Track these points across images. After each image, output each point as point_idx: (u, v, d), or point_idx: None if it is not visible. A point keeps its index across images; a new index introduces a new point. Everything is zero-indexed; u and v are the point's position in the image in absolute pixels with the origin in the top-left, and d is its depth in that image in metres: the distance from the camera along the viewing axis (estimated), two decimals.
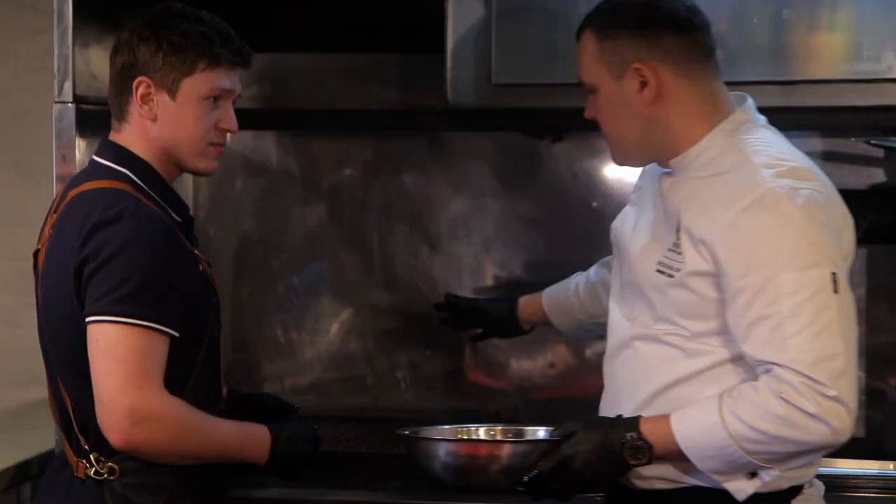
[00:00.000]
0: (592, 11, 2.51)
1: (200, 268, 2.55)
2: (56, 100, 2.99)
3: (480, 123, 3.42)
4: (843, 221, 2.40)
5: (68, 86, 2.97)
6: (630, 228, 2.56)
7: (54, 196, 2.69)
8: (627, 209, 2.64)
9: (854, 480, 2.99)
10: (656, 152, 2.49)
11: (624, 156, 2.54)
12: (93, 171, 2.54)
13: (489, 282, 3.66)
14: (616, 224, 2.63)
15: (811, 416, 2.24)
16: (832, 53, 2.95)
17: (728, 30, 2.95)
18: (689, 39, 2.45)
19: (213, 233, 3.76)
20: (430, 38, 3.10)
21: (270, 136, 3.76)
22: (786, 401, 2.25)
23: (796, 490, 2.45)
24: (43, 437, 3.20)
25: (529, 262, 3.65)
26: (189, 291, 2.47)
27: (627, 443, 2.36)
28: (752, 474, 2.34)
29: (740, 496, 2.36)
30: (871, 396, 3.48)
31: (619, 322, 2.53)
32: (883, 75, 2.94)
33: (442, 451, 2.52)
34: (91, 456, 2.47)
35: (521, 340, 3.36)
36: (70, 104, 2.98)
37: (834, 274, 2.29)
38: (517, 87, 3.06)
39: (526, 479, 2.41)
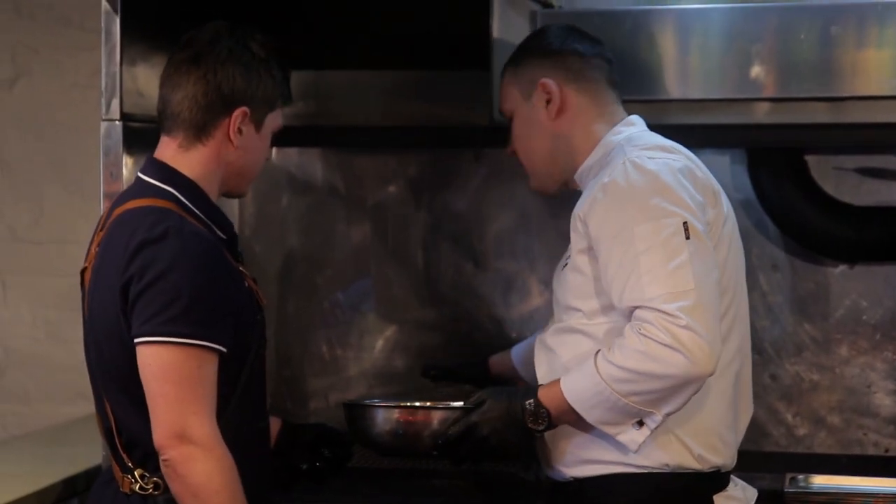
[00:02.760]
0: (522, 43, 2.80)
1: (246, 284, 2.55)
2: (103, 117, 3.00)
3: None
4: (703, 189, 2.55)
5: (115, 103, 2.99)
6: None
7: (101, 213, 2.70)
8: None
9: (862, 498, 2.98)
10: (564, 170, 2.71)
11: (539, 179, 2.77)
12: (138, 188, 2.55)
13: (535, 299, 3.65)
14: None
15: (666, 346, 2.38)
16: (880, 69, 2.93)
17: (775, 46, 2.94)
18: (592, 63, 2.72)
19: (258, 249, 3.77)
20: (475, 54, 3.10)
21: (316, 153, 3.77)
22: (644, 335, 2.40)
23: (720, 480, 2.59)
24: (90, 452, 3.22)
25: None
26: (235, 308, 2.48)
27: (527, 409, 2.51)
28: (640, 424, 2.47)
29: (632, 446, 2.49)
30: None
31: (540, 337, 2.71)
32: None
33: (375, 417, 2.71)
34: (136, 472, 2.48)
35: None
36: (117, 122, 2.99)
37: (685, 223, 2.45)
38: None
39: (439, 442, 2.60)
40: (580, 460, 2.59)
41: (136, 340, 2.41)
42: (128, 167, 2.99)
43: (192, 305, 2.39)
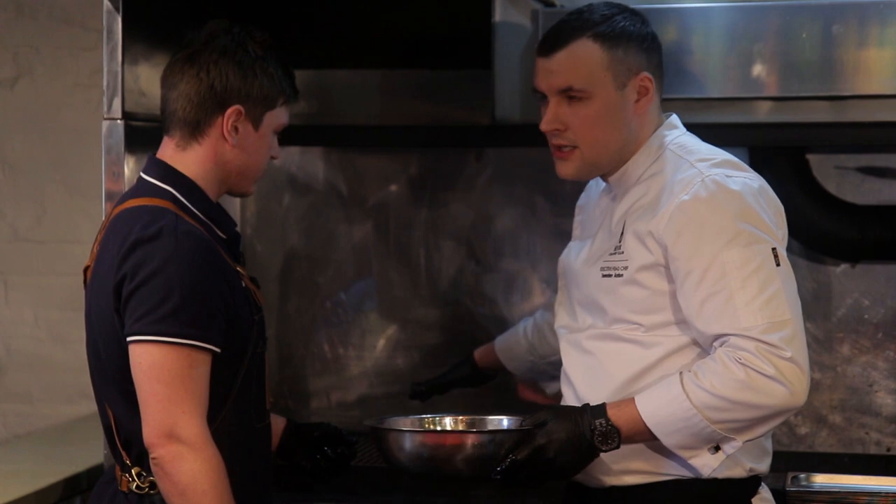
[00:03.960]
0: (587, 20, 2.58)
1: (243, 284, 2.54)
2: (105, 116, 3.00)
3: (527, 139, 3.41)
4: (776, 208, 2.54)
5: (117, 102, 2.99)
6: (574, 255, 2.70)
7: (103, 212, 2.71)
8: (571, 244, 2.77)
9: (864, 497, 2.98)
10: (616, 164, 2.61)
11: (587, 168, 2.61)
12: (138, 188, 2.55)
13: (536, 298, 3.65)
14: (562, 258, 2.77)
15: (770, 377, 2.35)
16: (882, 68, 2.93)
17: (777, 45, 2.93)
18: (663, 61, 2.63)
19: (259, 249, 3.77)
20: (477, 54, 3.10)
21: (317, 153, 3.77)
22: (744, 365, 2.36)
23: (755, 484, 2.56)
24: (91, 451, 3.22)
25: None
26: (230, 307, 2.47)
27: (597, 429, 2.43)
28: (716, 448, 2.43)
29: (705, 471, 2.45)
30: None
31: (571, 338, 2.64)
32: None
33: (412, 442, 2.55)
34: (133, 471, 2.48)
35: None
36: (119, 121, 3.00)
37: (774, 249, 2.44)
38: None
39: (500, 467, 2.47)
40: (624, 470, 2.54)
41: (128, 339, 2.41)
42: (129, 166, 2.99)
43: (183, 305, 2.38)
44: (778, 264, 2.42)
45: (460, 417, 2.76)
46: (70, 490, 3.22)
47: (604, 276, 2.56)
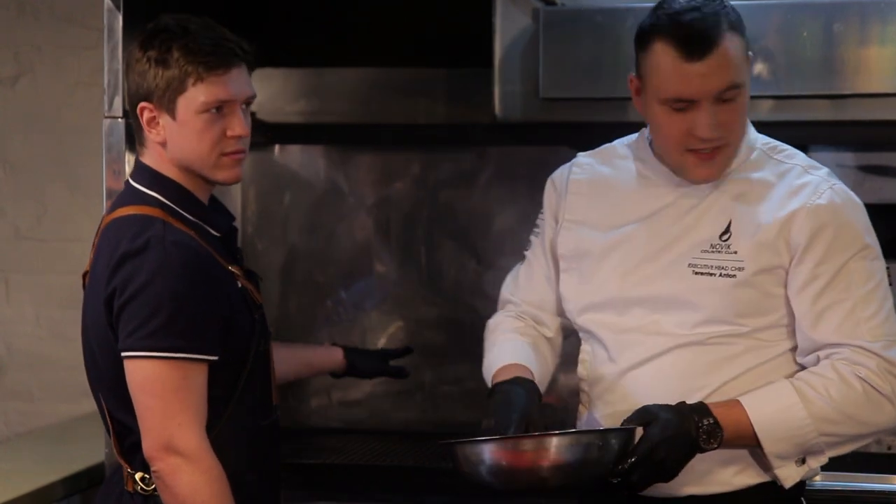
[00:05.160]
0: (714, 11, 2.39)
1: (239, 285, 2.52)
2: (106, 115, 3.01)
3: (528, 138, 3.42)
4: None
5: (118, 101, 2.99)
6: (602, 248, 2.50)
7: (104, 211, 2.71)
8: (568, 231, 2.57)
9: (866, 495, 3.00)
10: None
11: (728, 163, 2.46)
12: (126, 195, 2.54)
13: None
14: (568, 248, 2.57)
15: (885, 396, 2.33)
16: (883, 66, 2.93)
17: (778, 43, 2.93)
18: None
19: (260, 247, 3.77)
20: (477, 52, 3.10)
21: (318, 151, 3.77)
22: (863, 380, 2.33)
23: (803, 486, 2.51)
24: (92, 450, 3.22)
25: None
26: (225, 313, 2.46)
27: (704, 427, 2.33)
28: (802, 461, 2.40)
29: (788, 483, 2.41)
30: None
31: (636, 338, 2.46)
32: None
33: (545, 449, 2.26)
34: (136, 476, 2.49)
35: (568, 356, 3.34)
36: (120, 119, 3.00)
37: (889, 268, 2.43)
38: (565, 101, 3.05)
39: (620, 467, 2.29)
40: (703, 481, 2.44)
41: (122, 354, 2.41)
42: (130, 164, 2.99)
43: (173, 318, 2.37)
44: (891, 283, 2.42)
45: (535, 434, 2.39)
46: (70, 489, 3.22)
47: (697, 272, 2.42)
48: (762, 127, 2.98)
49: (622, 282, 2.49)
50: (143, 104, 2.48)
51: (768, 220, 2.40)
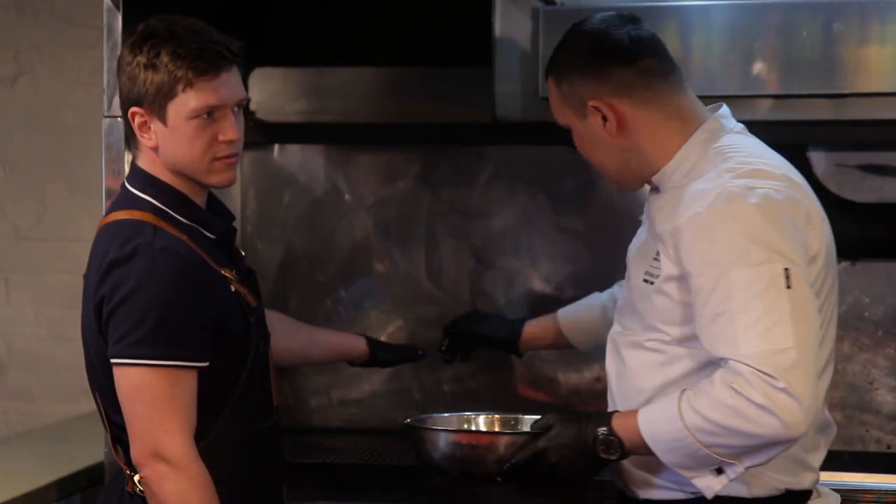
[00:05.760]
0: (552, 56, 2.56)
1: (232, 289, 2.51)
2: (105, 114, 3.01)
3: (527, 137, 3.42)
4: (806, 220, 2.41)
5: (118, 101, 2.98)
6: (632, 248, 2.63)
7: (104, 210, 2.70)
8: (639, 230, 2.67)
9: (864, 495, 2.99)
10: (640, 175, 2.54)
11: (615, 183, 2.59)
12: (121, 198, 2.53)
13: (536, 295, 3.65)
14: (630, 245, 2.67)
15: (759, 406, 2.25)
16: (883, 66, 2.93)
17: (777, 43, 2.93)
18: (638, 68, 2.48)
19: (260, 246, 3.77)
20: (477, 52, 3.10)
21: (318, 150, 3.76)
22: (736, 391, 2.26)
23: (797, 497, 2.49)
24: (92, 449, 3.22)
25: (576, 275, 3.64)
26: (216, 318, 2.44)
27: (599, 438, 2.40)
28: (719, 471, 2.36)
29: (708, 493, 2.38)
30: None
31: (613, 333, 2.59)
32: None
33: (438, 441, 2.60)
34: (135, 477, 2.48)
35: (569, 354, 3.35)
36: (119, 119, 2.99)
37: (787, 269, 2.30)
38: None
39: (504, 468, 2.48)
40: (653, 484, 2.50)
41: (111, 361, 2.41)
42: (129, 164, 2.99)
43: (160, 325, 2.36)
44: (789, 286, 2.29)
45: (496, 416, 2.79)
46: (70, 488, 3.22)
47: (644, 280, 2.49)
48: (762, 126, 2.99)
49: (621, 288, 2.64)
50: (133, 109, 2.47)
51: (669, 229, 2.42)
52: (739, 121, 2.78)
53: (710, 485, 2.37)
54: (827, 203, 3.41)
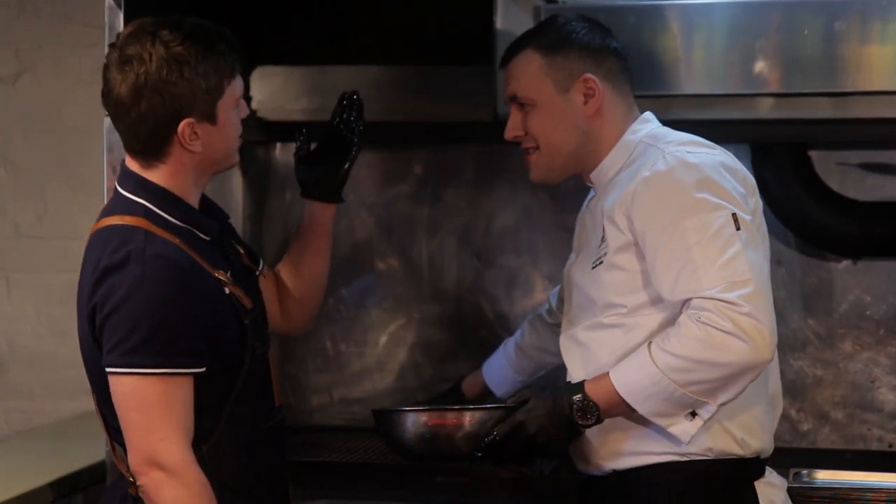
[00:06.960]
0: (531, 32, 2.74)
1: (227, 291, 2.49)
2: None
3: None
4: (742, 180, 2.57)
5: None
6: (570, 264, 2.79)
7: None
8: (571, 255, 2.83)
9: (865, 493, 2.99)
10: (581, 165, 2.71)
11: (549, 171, 2.72)
12: (113, 203, 2.51)
13: (538, 294, 3.65)
14: (565, 269, 2.83)
15: (728, 333, 2.37)
16: (884, 65, 2.93)
17: (779, 42, 2.93)
18: (623, 65, 2.70)
19: (262, 245, 3.77)
20: (478, 50, 3.10)
21: None
22: (704, 323, 2.39)
23: (756, 467, 2.59)
24: (93, 448, 3.22)
25: None
26: (210, 323, 2.43)
27: (576, 404, 2.49)
28: (693, 415, 2.46)
29: (684, 438, 2.49)
30: None
31: (568, 334, 2.69)
32: None
33: (406, 423, 2.64)
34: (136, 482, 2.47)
35: None
36: None
37: (734, 214, 2.47)
38: None
39: (484, 443, 2.55)
40: (620, 453, 2.58)
41: (105, 369, 2.41)
42: (119, 167, 2.98)
43: (153, 333, 2.36)
44: (738, 228, 2.46)
45: (469, 406, 2.79)
46: (71, 487, 3.22)
47: (592, 268, 2.62)
48: (763, 125, 3.00)
49: (571, 293, 2.76)
50: (187, 120, 2.42)
51: (615, 202, 2.56)
52: (741, 119, 2.79)
53: (685, 429, 2.47)
54: (828, 201, 3.44)
